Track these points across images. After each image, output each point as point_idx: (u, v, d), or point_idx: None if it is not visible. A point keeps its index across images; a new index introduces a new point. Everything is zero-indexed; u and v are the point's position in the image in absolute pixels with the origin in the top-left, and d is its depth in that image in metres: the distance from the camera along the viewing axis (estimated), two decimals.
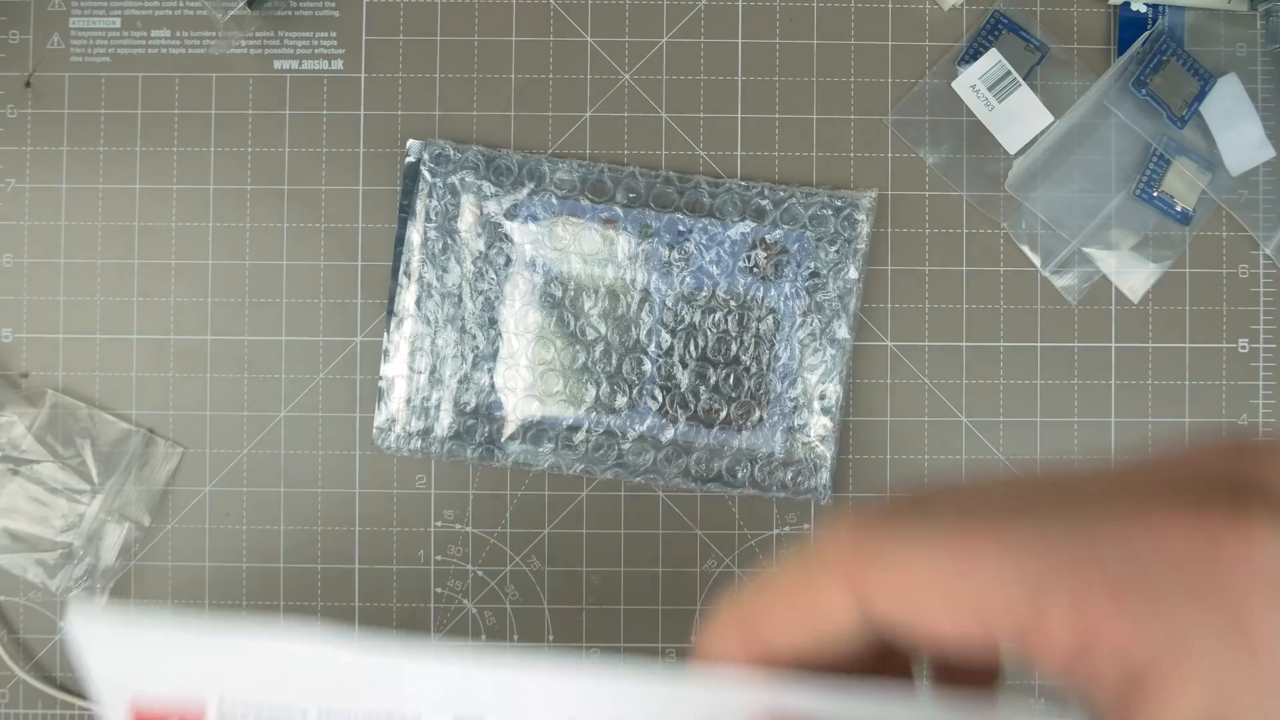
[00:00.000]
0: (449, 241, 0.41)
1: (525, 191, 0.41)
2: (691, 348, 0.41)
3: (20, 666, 0.41)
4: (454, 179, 0.41)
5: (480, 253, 0.41)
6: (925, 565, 0.15)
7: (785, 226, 0.41)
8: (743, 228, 0.41)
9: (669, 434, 0.41)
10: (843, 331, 0.41)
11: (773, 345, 0.41)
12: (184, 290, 0.42)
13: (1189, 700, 0.13)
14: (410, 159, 0.41)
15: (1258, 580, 0.13)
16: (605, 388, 0.41)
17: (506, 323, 0.41)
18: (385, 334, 0.41)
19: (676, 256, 0.41)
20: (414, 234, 0.41)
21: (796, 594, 0.17)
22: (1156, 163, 0.42)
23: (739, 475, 0.41)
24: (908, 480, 0.42)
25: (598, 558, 0.42)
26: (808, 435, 0.41)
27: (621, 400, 0.41)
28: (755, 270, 0.41)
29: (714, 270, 0.41)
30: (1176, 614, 0.13)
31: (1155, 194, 0.42)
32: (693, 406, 0.41)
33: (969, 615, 0.15)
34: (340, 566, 0.42)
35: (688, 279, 0.41)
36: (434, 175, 0.41)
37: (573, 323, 0.41)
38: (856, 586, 0.16)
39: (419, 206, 0.41)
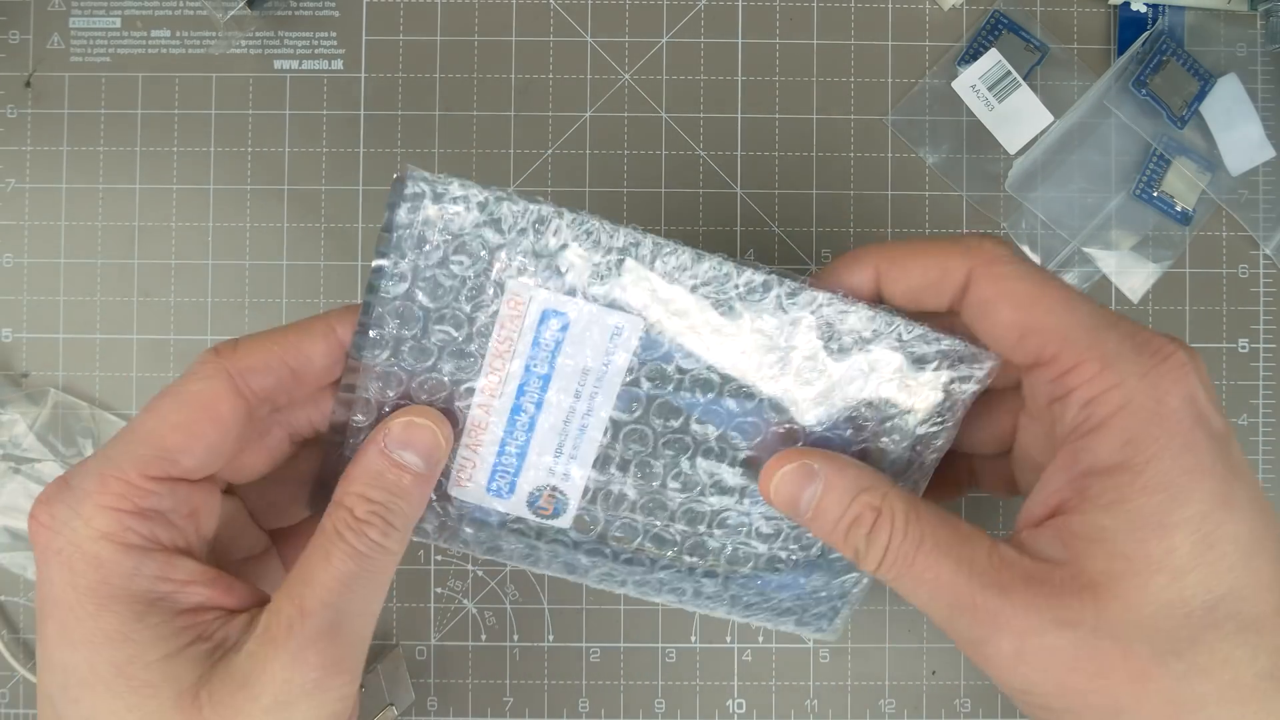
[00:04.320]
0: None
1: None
2: None
3: (21, 665, 0.41)
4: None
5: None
6: (1037, 294, 0.25)
7: None
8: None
9: None
10: None
11: None
12: (184, 290, 0.42)
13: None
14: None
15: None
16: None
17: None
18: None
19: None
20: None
21: (937, 257, 0.26)
22: (1156, 163, 0.42)
23: None
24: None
25: None
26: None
27: None
28: None
29: None
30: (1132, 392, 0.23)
31: (1155, 194, 0.42)
32: None
33: (1039, 335, 0.25)
34: None
35: None
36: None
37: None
38: (978, 277, 0.25)
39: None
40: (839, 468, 0.26)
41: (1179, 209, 0.42)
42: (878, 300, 0.28)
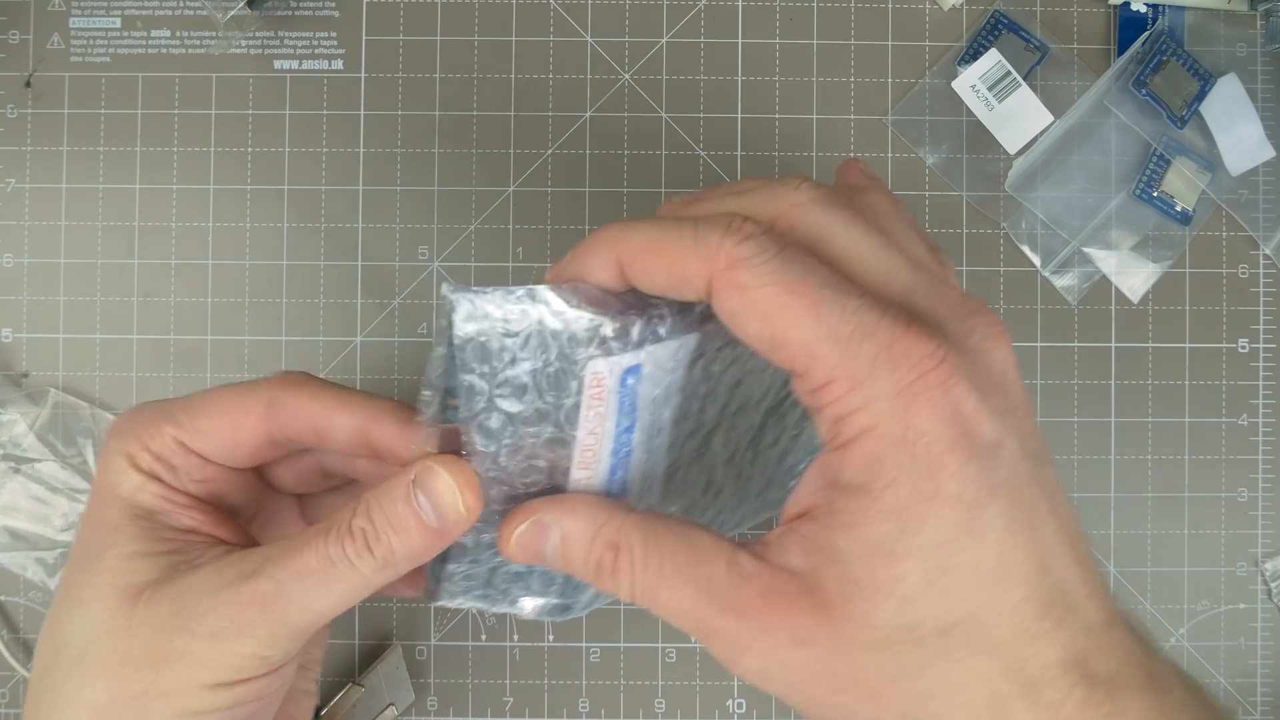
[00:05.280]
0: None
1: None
2: None
3: (21, 665, 0.41)
4: None
5: None
6: (782, 304, 0.22)
7: None
8: None
9: None
10: None
11: None
12: (184, 290, 0.42)
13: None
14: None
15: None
16: None
17: None
18: None
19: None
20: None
21: (674, 258, 0.23)
22: (1156, 163, 0.42)
23: None
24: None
25: None
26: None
27: None
28: None
29: None
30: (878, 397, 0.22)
31: (1155, 194, 0.42)
32: None
33: (787, 349, 0.22)
34: None
35: None
36: None
37: None
38: (719, 288, 0.23)
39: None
40: (570, 511, 0.25)
41: (1179, 209, 0.42)
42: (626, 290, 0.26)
